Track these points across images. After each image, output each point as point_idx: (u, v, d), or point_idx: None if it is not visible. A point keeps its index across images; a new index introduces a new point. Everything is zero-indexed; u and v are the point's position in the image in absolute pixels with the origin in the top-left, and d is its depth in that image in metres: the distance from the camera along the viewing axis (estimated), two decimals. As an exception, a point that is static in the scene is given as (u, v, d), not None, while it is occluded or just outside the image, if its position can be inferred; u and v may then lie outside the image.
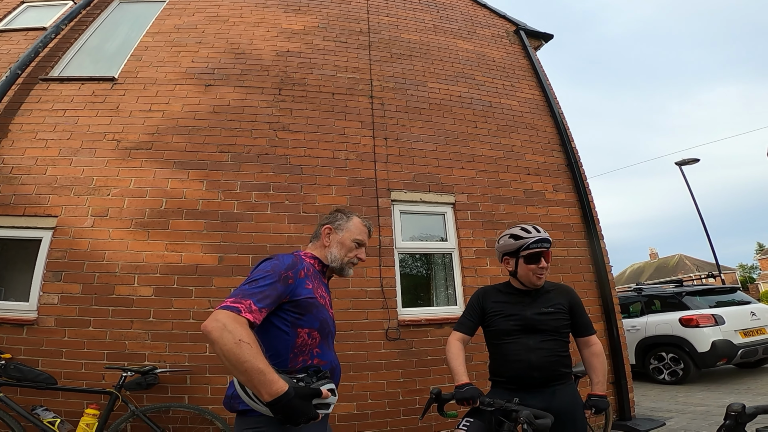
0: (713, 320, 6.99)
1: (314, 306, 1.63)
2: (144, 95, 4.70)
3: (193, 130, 4.55)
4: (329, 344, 1.72)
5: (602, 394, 2.10)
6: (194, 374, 3.67)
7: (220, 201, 4.28)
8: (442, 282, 4.98)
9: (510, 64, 6.31)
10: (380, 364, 4.20)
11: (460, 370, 2.14)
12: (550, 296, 2.23)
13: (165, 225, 4.03)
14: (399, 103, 5.45)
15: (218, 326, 1.30)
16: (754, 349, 6.95)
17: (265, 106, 4.95)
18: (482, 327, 2.33)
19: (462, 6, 6.99)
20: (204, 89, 4.88)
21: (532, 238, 2.17)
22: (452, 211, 5.02)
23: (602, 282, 5.06)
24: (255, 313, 1.40)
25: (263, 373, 1.27)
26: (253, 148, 4.65)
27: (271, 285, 1.49)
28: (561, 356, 2.14)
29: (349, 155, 4.94)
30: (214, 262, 4.04)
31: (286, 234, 4.38)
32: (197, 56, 5.18)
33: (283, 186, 4.56)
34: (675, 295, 7.73)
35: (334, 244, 1.83)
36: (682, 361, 7.08)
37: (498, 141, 5.49)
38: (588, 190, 5.45)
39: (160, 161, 4.29)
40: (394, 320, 4.38)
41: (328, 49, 5.69)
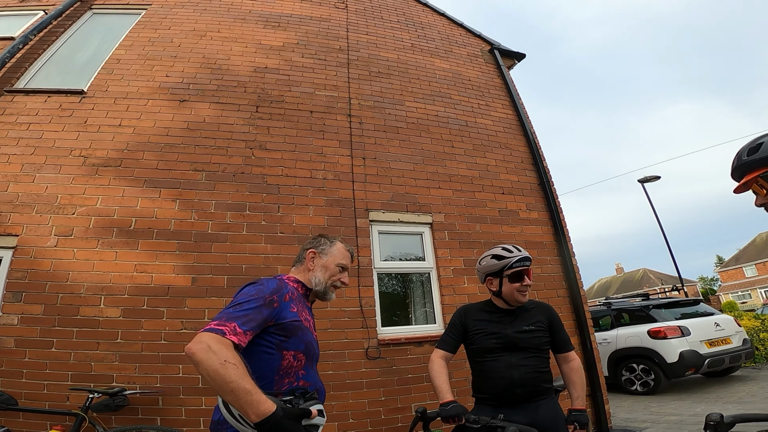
0: (680, 332, 7.09)
1: (299, 329, 1.61)
2: (114, 110, 4.43)
3: (165, 147, 4.30)
4: (313, 366, 1.70)
5: (582, 409, 2.10)
6: (167, 396, 3.43)
7: (193, 221, 4.04)
8: (420, 301, 4.85)
9: (485, 83, 6.28)
10: (361, 383, 4.04)
11: (444, 387, 2.11)
12: (530, 314, 2.24)
13: (134, 245, 3.77)
14: (377, 122, 5.32)
15: (202, 347, 1.26)
16: (721, 358, 7.06)
17: (241, 123, 4.74)
18: (464, 345, 2.32)
19: (439, 25, 6.95)
20: (178, 105, 4.64)
21: (515, 257, 2.18)
22: (430, 231, 4.91)
23: (575, 298, 5.03)
24: (240, 336, 1.37)
25: (250, 393, 1.23)
26: (228, 166, 4.42)
27: (255, 308, 1.47)
28: (542, 372, 2.15)
29: (327, 175, 4.77)
30: (187, 282, 3.79)
31: (263, 255, 4.17)
32: (172, 71, 4.93)
33: (259, 206, 4.35)
34: (642, 308, 7.82)
35: (318, 268, 1.82)
36: (652, 371, 7.13)
37: (474, 160, 5.42)
38: (560, 208, 5.44)
39: (129, 179, 4.03)
40: (374, 339, 4.23)
41: (307, 66, 5.53)
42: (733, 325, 7.80)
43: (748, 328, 9.21)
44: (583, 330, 4.82)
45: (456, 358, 2.34)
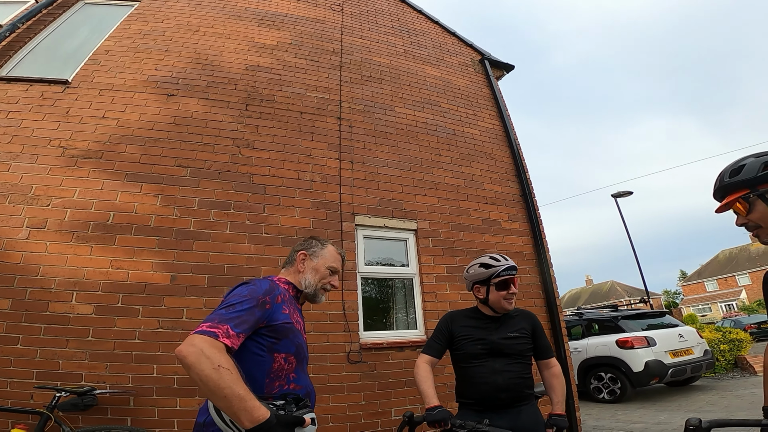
0: (646, 342, 7.11)
1: (291, 331, 1.54)
2: (98, 101, 4.18)
3: (150, 141, 4.07)
4: (304, 369, 1.63)
5: (562, 414, 2.09)
6: (139, 396, 3.22)
7: (175, 217, 3.81)
8: (402, 306, 4.70)
9: (474, 93, 6.16)
10: (342, 387, 3.89)
11: (430, 392, 2.09)
12: (514, 321, 2.24)
13: (111, 240, 3.53)
14: (367, 127, 5.15)
15: (195, 351, 1.19)
16: (683, 368, 7.10)
17: (230, 120, 4.52)
18: (450, 350, 2.30)
19: (433, 33, 6.81)
20: (165, 99, 4.40)
21: (502, 266, 2.19)
22: (414, 238, 4.75)
23: (551, 307, 4.95)
24: (233, 339, 1.30)
25: (244, 399, 1.17)
26: (214, 164, 4.21)
27: (248, 310, 1.40)
28: (525, 378, 2.16)
29: (314, 177, 4.58)
30: (165, 280, 3.58)
31: (246, 255, 3.97)
32: (161, 64, 4.69)
33: (244, 205, 4.15)
34: (612, 319, 7.83)
35: (308, 271, 1.75)
36: (619, 380, 7.14)
37: (460, 169, 5.29)
38: (540, 220, 5.36)
39: (109, 172, 3.79)
40: (356, 343, 4.08)
41: (299, 67, 5.32)
42: (695, 337, 7.88)
43: (709, 339, 9.37)
44: (558, 339, 4.74)
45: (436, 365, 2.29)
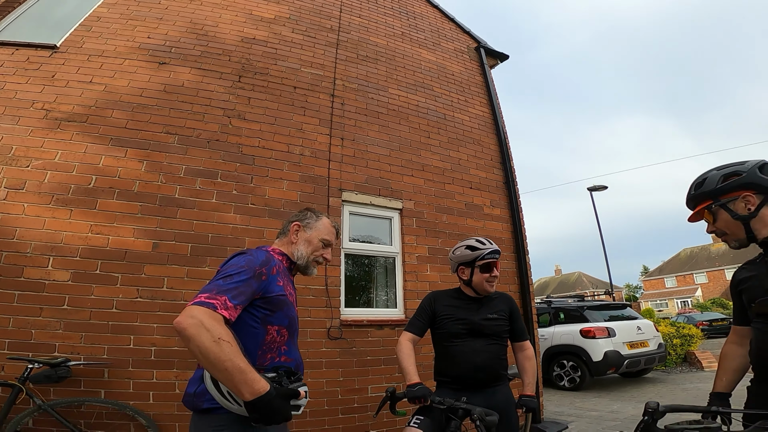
0: (607, 332, 6.98)
1: (285, 303, 1.43)
2: (87, 66, 3.82)
3: (138, 107, 3.75)
4: (294, 342, 1.53)
5: (532, 395, 2.08)
6: (114, 368, 2.97)
7: (160, 184, 3.54)
8: (383, 285, 4.50)
9: (467, 80, 5.83)
10: (320, 363, 3.70)
11: (411, 369, 2.02)
12: (494, 303, 2.20)
13: (92, 204, 3.25)
14: (359, 105, 4.84)
15: (194, 323, 1.10)
16: (638, 360, 7.02)
17: (221, 91, 4.20)
18: (431, 329, 2.24)
19: (431, 17, 6.41)
20: (157, 67, 4.07)
21: (487, 249, 2.15)
22: (399, 217, 4.52)
23: (525, 293, 4.78)
24: (231, 310, 1.21)
25: (244, 372, 1.09)
26: (203, 132, 3.91)
27: (245, 281, 1.29)
28: (501, 359, 2.13)
29: (304, 151, 4.30)
30: (147, 248, 3.32)
31: (231, 225, 3.72)
32: (155, 32, 4.32)
33: (232, 175, 3.87)
34: (578, 308, 7.67)
35: (301, 242, 1.62)
36: (579, 369, 7.00)
37: (447, 153, 5.02)
38: (520, 207, 5.13)
39: (94, 135, 3.48)
40: (336, 319, 3.88)
41: (296, 42, 4.96)
42: (652, 330, 7.80)
43: (664, 333, 9.27)
44: (529, 325, 4.58)
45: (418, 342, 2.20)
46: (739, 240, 1.38)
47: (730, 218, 1.36)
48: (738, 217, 1.35)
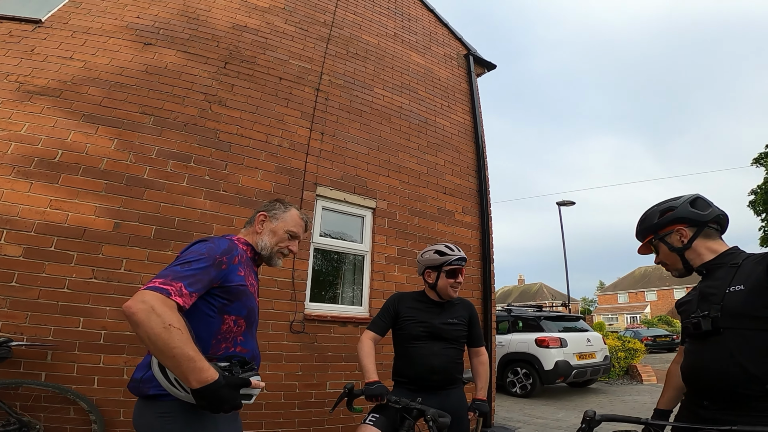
0: (560, 343, 6.86)
1: (244, 294, 1.33)
2: (69, 42, 3.53)
3: (115, 85, 3.49)
4: (252, 333, 1.42)
5: (484, 399, 2.05)
6: (59, 350, 2.72)
7: (129, 163, 3.30)
8: (350, 282, 4.30)
9: (452, 86, 5.58)
10: (280, 356, 3.51)
11: (371, 368, 1.96)
12: (455, 308, 2.15)
13: (54, 178, 3.00)
14: (343, 102, 4.60)
15: (145, 308, 1.02)
16: (585, 370, 6.95)
17: (205, 76, 3.94)
18: (393, 329, 2.16)
19: (425, 21, 6.12)
20: (141, 47, 3.79)
21: (455, 256, 2.10)
22: (372, 216, 4.32)
23: (486, 300, 4.62)
24: (185, 297, 1.12)
25: (193, 360, 1.03)
26: (181, 115, 3.66)
27: (204, 269, 1.20)
28: (457, 363, 2.09)
29: (282, 142, 4.07)
30: (107, 227, 3.09)
31: (200, 210, 3.50)
32: (145, 13, 4.03)
33: (206, 160, 3.64)
34: (535, 318, 7.54)
35: (266, 232, 1.51)
36: (531, 376, 6.89)
37: (425, 157, 4.80)
38: (490, 216, 4.93)
39: (65, 110, 3.23)
40: (300, 313, 3.68)
41: (287, 33, 4.68)
42: (600, 343, 7.74)
43: (611, 346, 9.19)
44: (488, 332, 4.43)
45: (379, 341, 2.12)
46: (678, 270, 1.44)
47: (668, 250, 1.43)
48: (673, 249, 1.42)
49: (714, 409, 1.25)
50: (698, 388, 1.33)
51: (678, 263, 1.42)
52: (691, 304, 1.41)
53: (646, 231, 1.49)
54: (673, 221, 1.41)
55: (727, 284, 1.28)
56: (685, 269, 1.42)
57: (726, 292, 1.27)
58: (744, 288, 1.23)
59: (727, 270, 1.32)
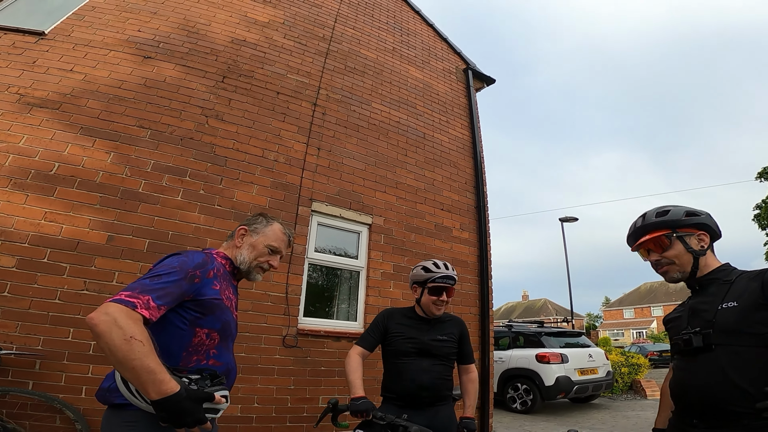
0: (560, 358, 6.87)
1: (218, 307, 1.35)
2: (70, 55, 3.65)
3: (114, 98, 3.59)
4: (228, 346, 1.44)
5: (472, 417, 2.04)
6: (47, 360, 2.78)
7: (124, 177, 3.38)
8: (345, 297, 4.34)
9: (451, 101, 5.68)
10: (272, 369, 3.54)
11: (357, 383, 1.96)
12: (445, 325, 2.16)
13: (50, 191, 3.08)
14: (340, 117, 4.69)
15: (107, 320, 1.04)
16: (586, 386, 6.94)
17: (203, 90, 4.04)
18: (382, 345, 2.17)
19: (424, 35, 6.26)
20: (141, 61, 3.90)
21: (439, 273, 2.10)
22: (368, 232, 4.37)
23: (484, 317, 4.65)
24: (152, 310, 1.14)
25: (153, 372, 1.04)
26: (177, 129, 3.75)
27: (175, 282, 1.23)
28: (446, 379, 2.09)
29: (278, 157, 4.15)
30: (101, 240, 3.16)
31: (194, 224, 3.56)
32: (146, 26, 4.15)
33: (201, 174, 3.72)
34: (536, 333, 7.56)
35: (245, 246, 1.52)
36: (532, 392, 6.88)
37: (422, 173, 4.87)
38: (488, 233, 4.99)
39: (64, 123, 3.32)
40: (293, 328, 3.72)
41: (286, 48, 4.80)
42: (602, 358, 7.75)
43: (613, 362, 9.18)
44: (486, 347, 4.45)
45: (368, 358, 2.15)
46: (684, 272, 1.42)
47: (684, 250, 1.40)
48: (692, 250, 1.40)
49: (703, 427, 1.25)
50: (687, 406, 1.33)
51: (688, 266, 1.40)
52: (681, 321, 1.43)
53: (664, 224, 1.44)
54: (698, 225, 1.42)
55: (720, 300, 1.30)
56: (690, 273, 1.41)
57: (718, 308, 1.29)
58: (737, 305, 1.25)
59: (719, 286, 1.35)
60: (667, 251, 1.43)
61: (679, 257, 1.41)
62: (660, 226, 1.45)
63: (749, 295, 1.23)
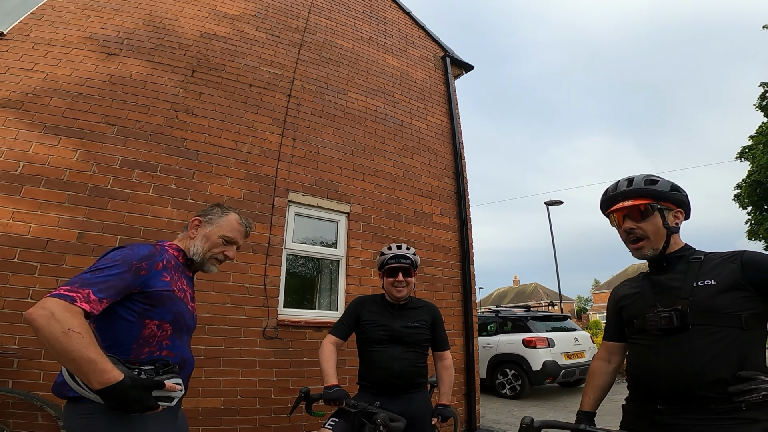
0: (547, 343, 6.96)
1: (168, 299, 1.39)
2: (30, 54, 3.67)
3: (78, 96, 3.62)
4: (182, 337, 1.47)
5: (447, 404, 2.06)
6: (24, 358, 2.83)
7: (92, 174, 3.41)
8: (326, 287, 4.40)
9: (429, 88, 5.74)
10: (254, 362, 3.59)
11: (330, 372, 2.00)
12: (417, 312, 2.19)
13: (16, 190, 3.11)
14: (315, 107, 4.73)
15: (44, 314, 1.09)
16: (573, 370, 7.05)
17: (171, 85, 4.07)
18: (356, 333, 2.22)
19: (401, 24, 6.31)
20: (105, 57, 3.93)
21: (391, 254, 2.14)
22: (346, 221, 4.42)
23: (467, 302, 4.73)
24: (93, 303, 1.18)
25: (94, 362, 1.08)
26: (146, 125, 3.78)
27: (118, 275, 1.26)
28: (419, 366, 2.11)
29: (252, 149, 4.19)
30: (71, 238, 3.19)
31: (167, 219, 3.60)
32: (109, 23, 4.17)
33: (172, 169, 3.75)
34: (522, 318, 7.66)
35: (199, 237, 1.56)
36: (520, 377, 6.98)
37: (401, 160, 4.93)
38: (469, 218, 5.08)
39: (27, 122, 3.35)
40: (273, 319, 3.77)
41: (258, 40, 4.84)
42: (588, 341, 7.88)
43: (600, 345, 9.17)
44: (469, 333, 4.52)
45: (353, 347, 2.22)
46: (656, 249, 1.37)
47: (661, 224, 1.36)
48: (668, 226, 1.36)
49: (669, 413, 1.22)
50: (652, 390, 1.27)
51: (662, 242, 1.36)
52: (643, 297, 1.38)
53: (650, 194, 1.37)
54: (678, 203, 1.39)
55: (693, 278, 1.27)
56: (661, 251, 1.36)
57: (693, 286, 1.25)
58: (715, 283, 1.23)
59: (688, 263, 1.32)
60: (644, 222, 1.37)
61: (656, 232, 1.36)
62: (645, 194, 1.38)
63: (729, 274, 1.22)
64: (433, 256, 4.61)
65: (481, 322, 7.85)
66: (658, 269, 1.39)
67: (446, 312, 4.43)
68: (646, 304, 1.35)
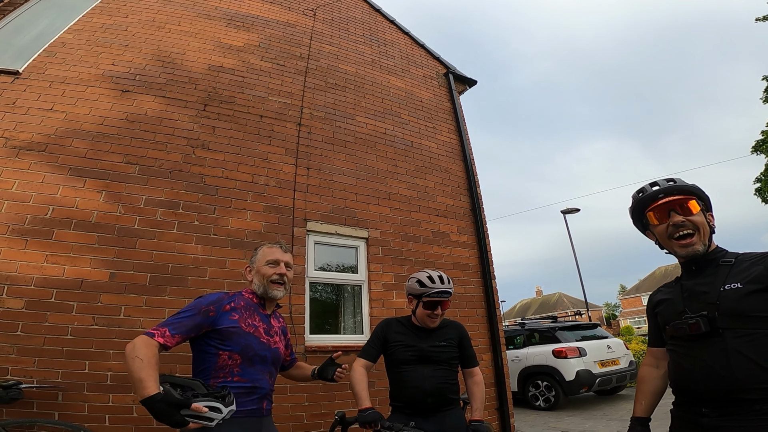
0: (578, 352, 7.33)
1: (236, 334, 1.80)
2: (48, 93, 4.06)
3: (98, 136, 3.99)
4: (255, 366, 1.84)
5: (480, 419, 2.18)
6: (68, 391, 3.14)
7: (119, 215, 3.74)
8: (350, 311, 4.73)
9: (435, 106, 6.24)
10: (285, 388, 3.86)
11: (363, 395, 2.18)
12: (443, 331, 2.35)
13: (48, 234, 3.44)
14: (326, 134, 5.16)
15: (129, 345, 1.55)
16: (609, 378, 7.40)
17: (186, 120, 4.47)
18: (384, 355, 2.40)
19: (401, 44, 6.86)
20: (120, 95, 4.32)
21: (434, 289, 2.27)
22: (365, 246, 4.79)
23: (491, 317, 5.09)
24: (167, 338, 1.63)
25: (141, 381, 1.45)
26: (165, 162, 4.15)
27: (189, 317, 1.73)
28: (450, 384, 2.26)
29: (269, 181, 4.57)
30: (104, 277, 3.51)
31: (192, 255, 3.92)
32: (120, 59, 4.59)
33: (194, 206, 4.10)
34: (550, 329, 8.05)
35: (254, 276, 2.01)
36: (553, 388, 7.33)
37: (414, 181, 5.35)
38: (486, 233, 5.49)
39: (53, 165, 3.70)
40: (301, 346, 4.08)
41: (264, 70, 5.30)
42: (622, 348, 8.24)
43: (635, 351, 9.72)
44: (496, 347, 4.87)
45: (381, 369, 2.41)
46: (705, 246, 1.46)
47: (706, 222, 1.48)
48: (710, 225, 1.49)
49: (715, 416, 1.28)
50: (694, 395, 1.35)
51: (707, 239, 1.46)
52: (674, 303, 1.48)
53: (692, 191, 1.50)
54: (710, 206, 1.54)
55: (721, 282, 1.35)
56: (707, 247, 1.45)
57: (720, 290, 1.33)
58: (741, 286, 1.30)
59: (718, 267, 1.41)
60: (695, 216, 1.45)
61: (704, 227, 1.45)
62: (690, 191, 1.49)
63: (756, 277, 1.29)
64: (454, 275, 4.98)
65: (508, 335, 8.22)
66: (689, 273, 1.50)
67: (471, 328, 4.76)
68: (675, 310, 1.46)
